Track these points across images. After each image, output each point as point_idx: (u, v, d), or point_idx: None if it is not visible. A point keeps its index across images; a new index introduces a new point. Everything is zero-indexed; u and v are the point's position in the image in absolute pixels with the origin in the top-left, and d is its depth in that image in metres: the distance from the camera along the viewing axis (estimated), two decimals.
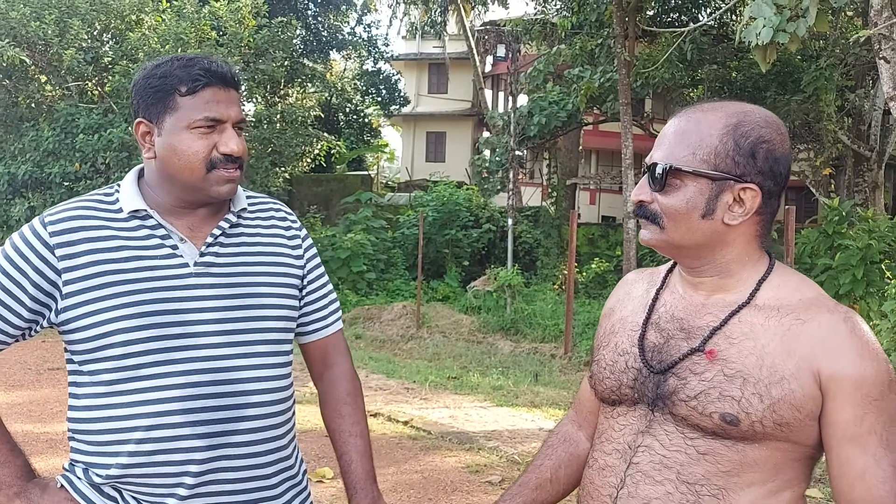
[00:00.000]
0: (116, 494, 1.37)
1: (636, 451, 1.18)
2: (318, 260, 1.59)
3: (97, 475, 1.37)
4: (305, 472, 1.56)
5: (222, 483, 1.36)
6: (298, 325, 1.56)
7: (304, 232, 1.58)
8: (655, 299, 1.27)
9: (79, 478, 1.39)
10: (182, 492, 1.34)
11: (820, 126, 13.40)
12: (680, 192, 1.15)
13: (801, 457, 1.14)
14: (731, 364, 1.12)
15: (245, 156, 1.42)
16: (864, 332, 1.11)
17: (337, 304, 1.63)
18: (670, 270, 1.31)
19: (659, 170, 1.16)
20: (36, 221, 1.37)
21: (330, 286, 1.62)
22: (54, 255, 1.33)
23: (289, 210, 1.60)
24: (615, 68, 11.99)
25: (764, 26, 5.33)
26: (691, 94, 16.26)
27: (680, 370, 1.16)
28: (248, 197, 1.53)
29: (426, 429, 5.81)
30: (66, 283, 1.33)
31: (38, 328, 1.39)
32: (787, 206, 7.18)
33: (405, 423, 5.95)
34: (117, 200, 1.41)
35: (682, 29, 11.33)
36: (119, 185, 1.44)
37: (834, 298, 1.18)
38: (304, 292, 1.55)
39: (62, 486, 1.39)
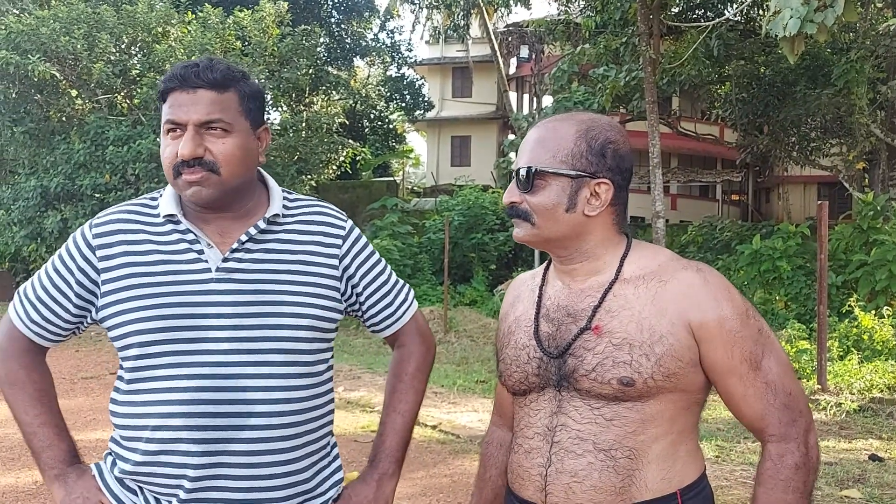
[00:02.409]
0: (137, 489, 1.42)
1: (555, 431, 1.32)
2: (373, 259, 1.56)
3: (120, 468, 1.43)
4: (336, 484, 1.51)
5: (221, 490, 1.36)
6: (369, 326, 1.60)
7: (352, 237, 1.53)
8: (540, 296, 1.43)
9: (108, 468, 1.45)
10: (182, 494, 1.37)
11: (852, 120, 13.14)
12: (546, 191, 1.33)
13: (689, 404, 1.31)
14: (616, 334, 1.28)
15: (223, 158, 1.37)
16: (716, 278, 1.31)
17: (404, 293, 1.62)
18: (546, 269, 1.47)
19: (525, 172, 1.34)
20: (86, 225, 1.47)
21: (392, 280, 1.60)
22: (95, 255, 1.42)
23: (338, 215, 1.56)
24: (640, 66, 11.87)
25: (791, 17, 5.23)
26: (719, 91, 16.07)
27: (575, 350, 1.31)
28: (294, 200, 1.52)
29: (455, 433, 5.78)
30: (103, 282, 1.41)
31: (87, 323, 1.48)
32: (819, 202, 7.04)
33: (434, 427, 5.92)
34: (159, 205, 1.46)
35: (708, 24, 11.19)
36: (164, 191, 1.49)
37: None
38: (364, 297, 1.54)
39: (94, 474, 1.46)
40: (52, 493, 1.46)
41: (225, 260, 1.40)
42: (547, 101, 17.24)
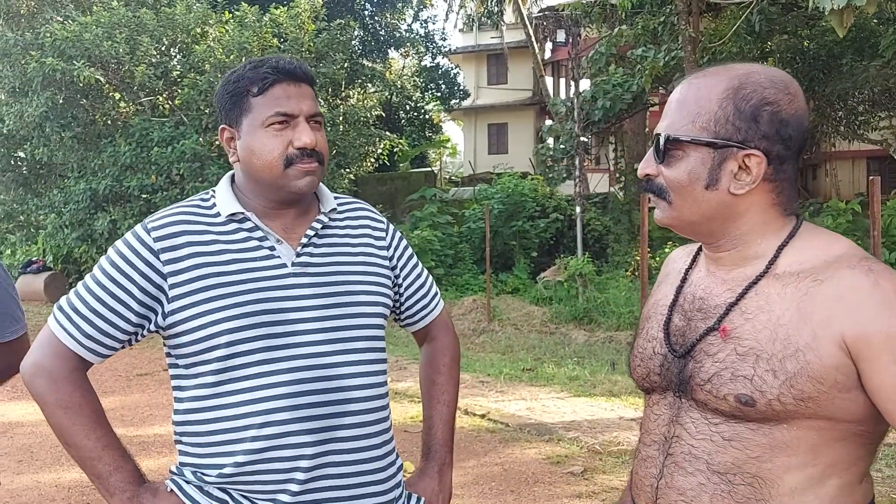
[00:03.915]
0: (226, 497, 1.39)
1: (671, 442, 1.15)
2: (409, 252, 1.64)
3: (208, 476, 1.40)
4: (399, 470, 1.57)
5: (331, 478, 1.39)
6: (405, 318, 1.65)
7: (391, 231, 1.62)
8: (684, 280, 1.24)
9: (187, 481, 1.42)
10: (293, 487, 1.36)
11: None
12: (682, 164, 1.11)
13: (844, 436, 1.04)
14: (743, 341, 1.07)
15: (324, 149, 1.45)
16: (892, 282, 1.01)
17: (434, 287, 1.70)
18: (700, 248, 1.26)
19: (659, 140, 1.13)
20: (139, 228, 1.42)
21: (425, 273, 1.67)
22: (159, 259, 1.37)
23: (376, 211, 1.64)
24: (680, 46, 11.65)
25: None
26: None
27: (696, 353, 1.12)
28: (336, 197, 1.57)
29: (504, 421, 5.79)
30: (171, 286, 1.37)
31: (145, 332, 1.42)
32: (871, 177, 6.83)
33: (482, 416, 5.94)
34: (214, 205, 1.46)
35: (749, 0, 10.91)
36: (214, 191, 1.50)
37: None
38: (403, 288, 1.61)
39: (171, 490, 1.41)
40: None
41: (298, 254, 1.44)
42: (584, 84, 17.03)
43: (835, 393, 1.01)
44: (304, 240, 1.45)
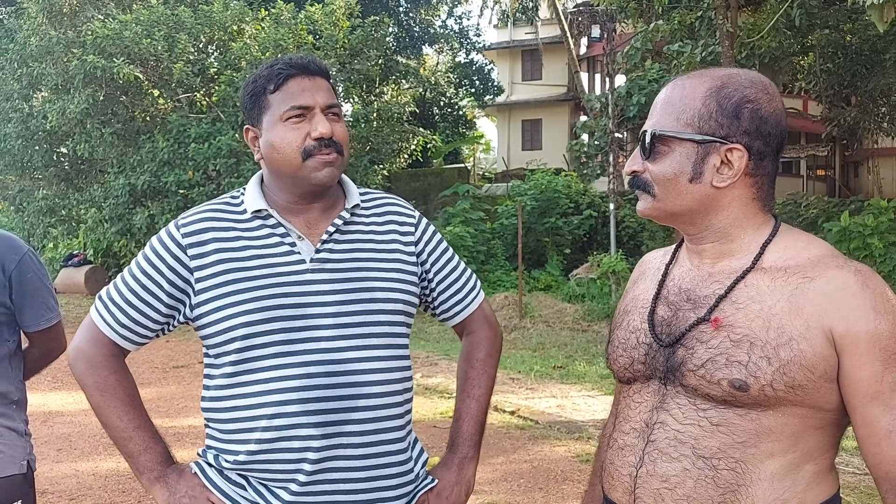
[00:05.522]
0: (244, 481, 1.45)
1: (653, 429, 1.18)
2: (442, 247, 1.62)
3: (226, 461, 1.46)
4: (424, 463, 1.57)
5: (339, 471, 1.41)
6: (439, 313, 1.64)
7: (423, 225, 1.61)
8: (665, 274, 1.28)
9: (209, 464, 1.49)
10: (301, 478, 1.40)
11: None
12: (667, 158, 1.17)
13: (822, 424, 1.11)
14: (737, 329, 1.11)
15: (344, 140, 1.47)
16: (878, 285, 1.08)
17: (472, 281, 1.67)
18: (679, 245, 1.31)
19: (646, 138, 1.19)
20: (171, 225, 1.49)
21: (461, 267, 1.65)
22: (186, 254, 1.44)
23: (407, 205, 1.63)
24: (717, 41, 11.47)
25: None
26: (801, 62, 15.38)
27: (687, 341, 1.16)
28: (363, 193, 1.58)
29: (533, 418, 5.78)
30: (197, 280, 1.44)
31: (176, 322, 1.50)
32: None
33: (512, 413, 5.94)
34: (242, 202, 1.51)
35: None
36: (245, 189, 1.54)
37: None
38: (434, 283, 1.60)
39: (195, 472, 1.49)
40: (153, 496, 1.48)
41: (318, 251, 1.46)
42: (620, 80, 16.87)
43: (822, 382, 1.07)
44: (325, 236, 1.47)
